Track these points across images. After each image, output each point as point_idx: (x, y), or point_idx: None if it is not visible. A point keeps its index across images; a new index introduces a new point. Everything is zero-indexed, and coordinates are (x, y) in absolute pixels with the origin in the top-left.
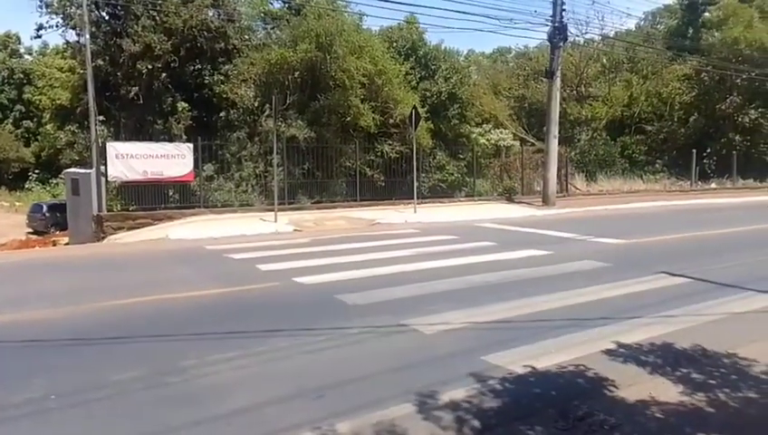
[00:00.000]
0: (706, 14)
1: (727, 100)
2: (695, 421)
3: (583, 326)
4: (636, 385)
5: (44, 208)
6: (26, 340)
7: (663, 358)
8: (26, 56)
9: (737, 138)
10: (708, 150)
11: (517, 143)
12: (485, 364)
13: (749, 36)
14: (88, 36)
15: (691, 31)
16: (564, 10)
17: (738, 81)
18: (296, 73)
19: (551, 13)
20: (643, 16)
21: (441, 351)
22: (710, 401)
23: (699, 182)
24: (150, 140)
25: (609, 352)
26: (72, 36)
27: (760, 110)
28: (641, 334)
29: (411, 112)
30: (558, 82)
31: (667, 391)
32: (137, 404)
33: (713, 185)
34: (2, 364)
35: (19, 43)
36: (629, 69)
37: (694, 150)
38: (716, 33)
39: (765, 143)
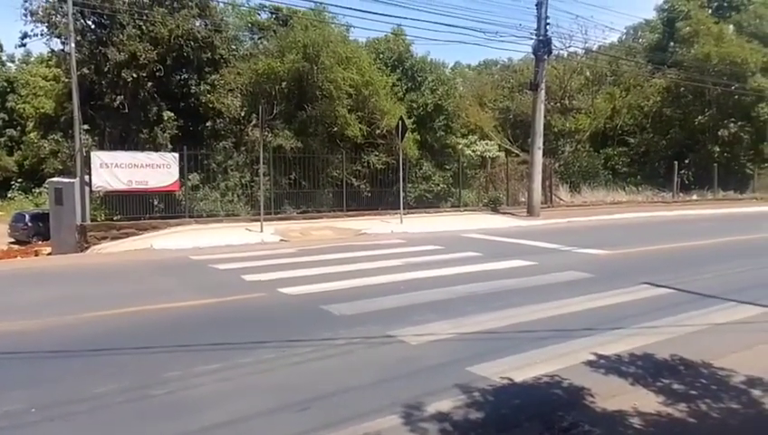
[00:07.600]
0: (679, 29)
1: (706, 113)
2: (677, 432)
3: (567, 337)
4: (618, 396)
5: (27, 218)
6: (6, 352)
7: (645, 369)
8: (9, 64)
9: (717, 149)
10: (687, 161)
11: (502, 154)
12: (471, 375)
13: (721, 51)
14: (73, 45)
15: (671, 45)
16: (548, 24)
17: (714, 95)
18: (283, 84)
19: (535, 26)
20: (625, 31)
21: (427, 362)
22: (692, 412)
23: (681, 194)
24: (135, 149)
25: (591, 364)
26: (56, 45)
27: (739, 123)
28: (623, 345)
29: (398, 123)
30: (542, 94)
31: (648, 401)
32: (119, 417)
33: (694, 196)
34: None
35: (1, 51)
36: (612, 82)
37: (675, 162)
38: (691, 49)
39: (745, 156)
